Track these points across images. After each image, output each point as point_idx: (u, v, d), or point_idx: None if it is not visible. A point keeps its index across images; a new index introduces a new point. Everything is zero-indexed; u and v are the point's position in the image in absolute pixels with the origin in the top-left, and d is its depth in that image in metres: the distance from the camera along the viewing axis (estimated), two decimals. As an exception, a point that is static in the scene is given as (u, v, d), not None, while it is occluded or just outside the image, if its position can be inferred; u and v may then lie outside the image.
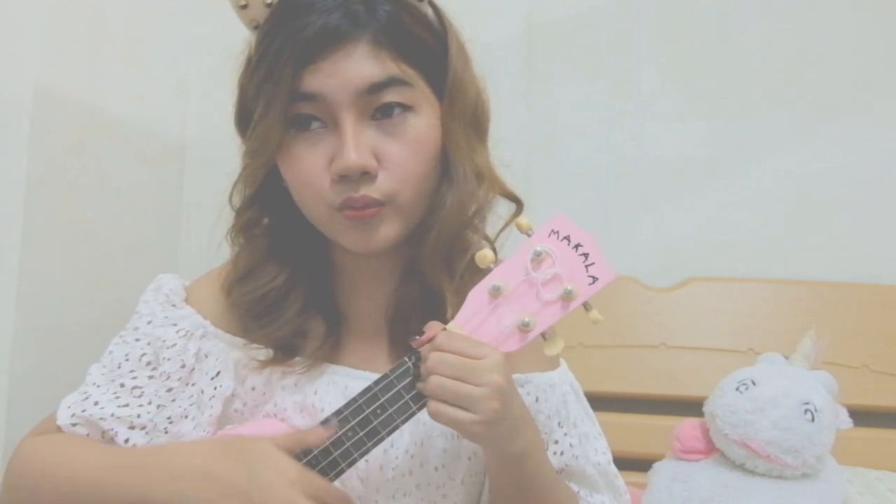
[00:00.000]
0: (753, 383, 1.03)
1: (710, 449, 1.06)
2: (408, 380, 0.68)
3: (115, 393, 0.81)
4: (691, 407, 1.18)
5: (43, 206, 1.24)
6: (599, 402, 0.91)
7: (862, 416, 1.09)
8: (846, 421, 1.03)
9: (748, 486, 1.00)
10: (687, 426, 1.10)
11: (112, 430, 0.79)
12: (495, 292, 0.68)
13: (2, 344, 1.18)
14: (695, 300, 1.43)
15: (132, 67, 1.48)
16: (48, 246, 1.26)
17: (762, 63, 1.50)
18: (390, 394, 0.68)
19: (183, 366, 0.81)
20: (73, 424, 0.79)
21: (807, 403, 0.99)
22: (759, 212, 1.48)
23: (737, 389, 1.03)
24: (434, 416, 0.66)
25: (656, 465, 1.10)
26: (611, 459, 0.87)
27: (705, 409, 1.07)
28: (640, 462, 1.15)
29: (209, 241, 0.86)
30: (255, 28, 0.77)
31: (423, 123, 0.75)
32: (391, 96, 0.73)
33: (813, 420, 0.98)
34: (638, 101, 1.54)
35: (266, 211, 0.82)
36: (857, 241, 1.44)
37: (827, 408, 1.00)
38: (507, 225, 0.81)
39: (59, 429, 0.80)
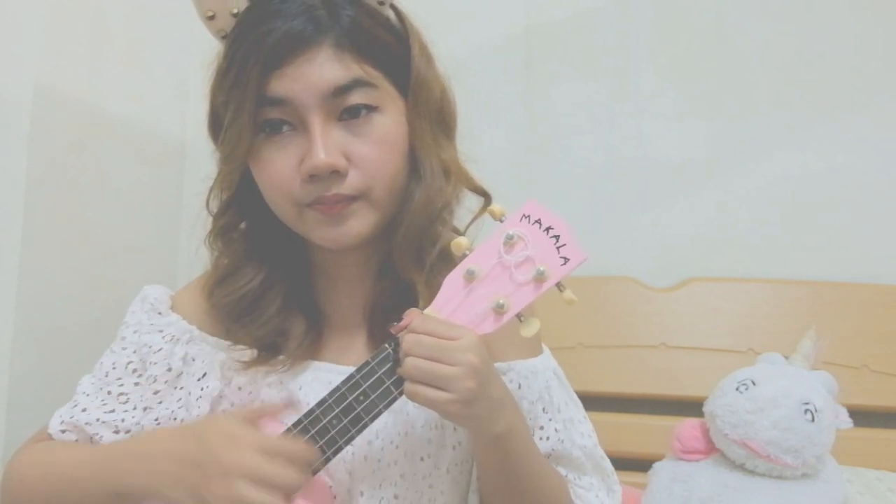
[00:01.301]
0: (753, 383, 1.03)
1: (710, 449, 1.06)
2: (388, 365, 0.69)
3: (102, 400, 0.83)
4: (691, 407, 1.18)
5: (43, 206, 1.24)
6: (599, 402, 0.92)
7: (862, 416, 1.09)
8: (846, 421, 1.03)
9: (748, 486, 1.00)
10: (687, 426, 1.10)
11: (97, 434, 0.81)
12: (470, 276, 0.69)
13: (2, 344, 1.19)
14: (695, 300, 1.43)
15: (132, 67, 1.48)
16: (48, 246, 1.26)
17: (761, 63, 1.50)
18: (372, 380, 0.69)
19: (169, 369, 0.83)
20: (63, 431, 0.82)
21: (807, 403, 0.99)
22: (758, 212, 1.48)
23: (737, 389, 1.03)
24: (410, 396, 0.68)
25: (656, 465, 1.10)
26: (597, 442, 0.88)
27: (705, 409, 1.07)
28: (640, 462, 1.15)
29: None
30: (223, 38, 0.79)
31: (390, 122, 0.77)
32: (357, 98, 0.75)
33: (813, 420, 0.98)
34: (637, 102, 1.54)
35: (242, 214, 0.84)
36: (856, 241, 1.44)
37: (827, 408, 1.00)
38: (476, 217, 0.83)
39: (49, 437, 0.83)
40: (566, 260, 0.69)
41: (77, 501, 0.75)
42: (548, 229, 0.70)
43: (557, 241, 0.69)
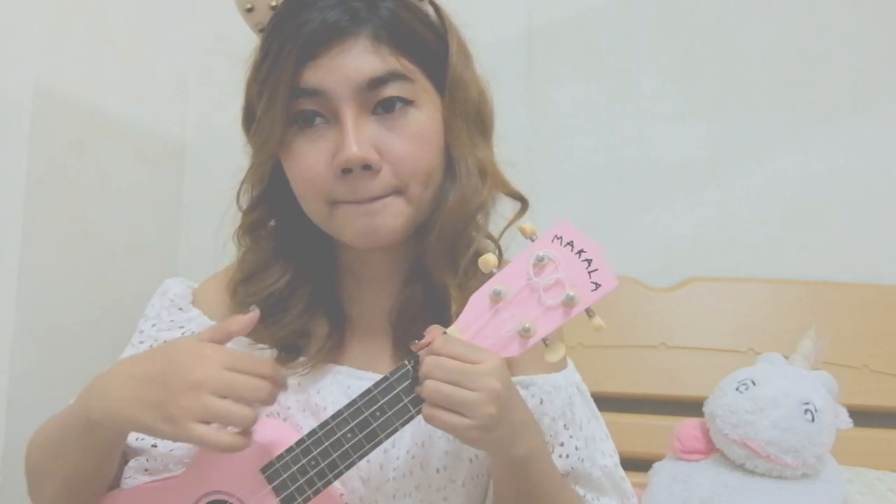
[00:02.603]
0: (753, 383, 1.02)
1: (710, 449, 1.06)
2: (407, 383, 0.68)
3: None
4: (691, 407, 1.17)
5: (43, 206, 1.24)
6: (599, 402, 0.91)
7: (862, 416, 1.09)
8: (846, 421, 1.03)
9: (748, 486, 1.00)
10: (687, 426, 1.10)
11: None
12: (496, 297, 0.68)
13: (2, 344, 1.18)
14: (695, 300, 1.43)
15: (132, 67, 1.48)
16: (48, 246, 1.26)
17: (762, 64, 1.50)
18: (389, 397, 0.68)
19: None
20: None
21: (807, 403, 0.99)
22: (759, 212, 1.48)
23: (737, 389, 1.03)
24: (429, 420, 0.66)
25: (656, 465, 1.10)
26: (618, 462, 0.86)
27: (705, 409, 1.07)
28: (640, 462, 1.15)
29: (209, 241, 0.87)
30: (261, 31, 0.78)
31: (425, 117, 0.76)
32: (392, 90, 0.74)
33: (813, 420, 0.98)
34: (638, 102, 1.54)
35: (272, 211, 0.83)
36: (857, 242, 1.44)
37: (827, 408, 1.00)
38: (511, 223, 0.81)
39: None
40: (597, 286, 0.67)
41: (61, 449, 0.75)
42: (580, 252, 0.68)
43: (589, 265, 0.68)
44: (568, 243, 0.68)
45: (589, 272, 0.68)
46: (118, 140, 1.44)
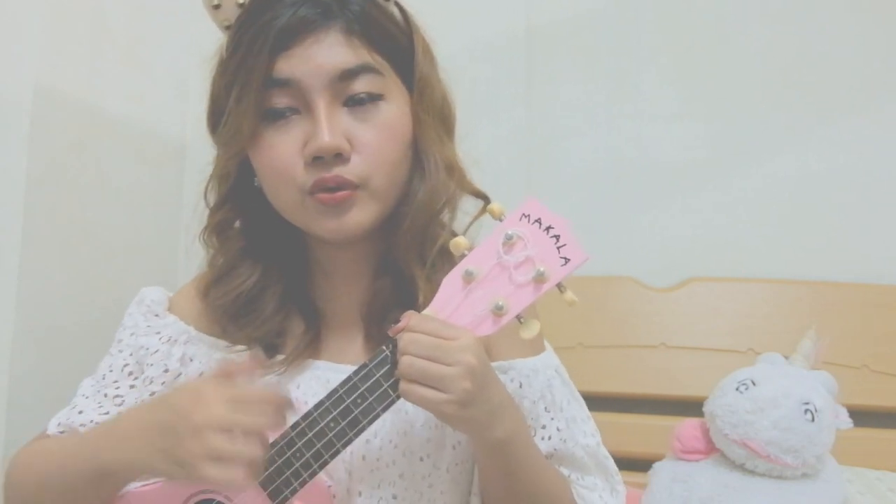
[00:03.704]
0: (753, 383, 1.02)
1: (710, 449, 1.06)
2: (386, 368, 0.68)
3: (98, 403, 0.84)
4: (691, 407, 1.17)
5: (43, 206, 1.24)
6: (599, 402, 0.92)
7: (862, 416, 1.09)
8: (846, 421, 1.03)
9: (748, 486, 1.00)
10: (687, 426, 1.10)
11: None
12: (468, 277, 0.69)
13: (2, 344, 1.18)
14: (695, 300, 1.43)
15: (132, 67, 1.48)
16: (48, 246, 1.26)
17: (761, 64, 1.50)
18: (369, 382, 0.68)
19: (166, 370, 0.83)
20: (61, 433, 0.83)
21: (807, 403, 0.99)
22: (758, 212, 1.48)
23: (737, 389, 1.03)
24: (405, 395, 0.67)
25: (656, 465, 1.10)
26: (600, 441, 0.87)
27: (705, 409, 1.07)
28: (640, 462, 1.15)
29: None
30: (227, 28, 0.80)
31: (395, 111, 0.77)
32: (363, 84, 0.75)
33: (813, 420, 0.98)
34: (637, 103, 1.54)
35: (239, 211, 0.84)
36: (856, 242, 1.44)
37: (827, 408, 1.00)
38: (476, 218, 0.82)
39: (48, 437, 0.83)
40: (567, 260, 0.68)
41: (65, 486, 0.74)
42: (548, 229, 0.69)
43: (558, 240, 0.68)
44: (536, 220, 0.69)
45: (558, 247, 0.68)
46: (118, 140, 1.44)
